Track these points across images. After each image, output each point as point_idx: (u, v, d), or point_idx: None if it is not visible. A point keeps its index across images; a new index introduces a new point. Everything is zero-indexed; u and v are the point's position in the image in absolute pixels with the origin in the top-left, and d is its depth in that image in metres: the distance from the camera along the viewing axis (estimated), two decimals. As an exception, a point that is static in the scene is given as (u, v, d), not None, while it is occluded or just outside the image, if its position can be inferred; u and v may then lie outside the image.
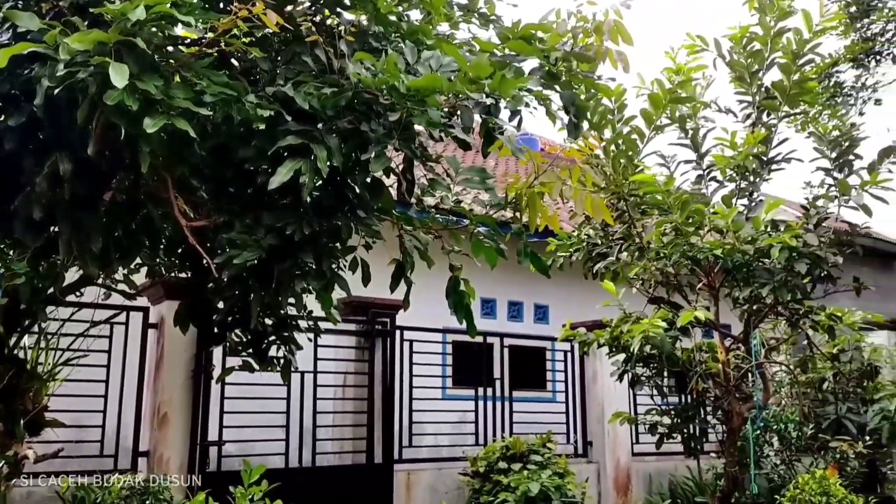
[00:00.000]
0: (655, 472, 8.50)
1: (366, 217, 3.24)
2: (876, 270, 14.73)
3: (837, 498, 4.55)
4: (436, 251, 3.66)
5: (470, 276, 3.76)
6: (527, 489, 5.87)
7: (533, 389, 9.37)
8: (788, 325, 6.25)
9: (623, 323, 5.98)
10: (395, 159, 3.26)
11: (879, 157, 5.25)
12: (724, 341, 6.08)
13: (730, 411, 5.89)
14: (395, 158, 3.25)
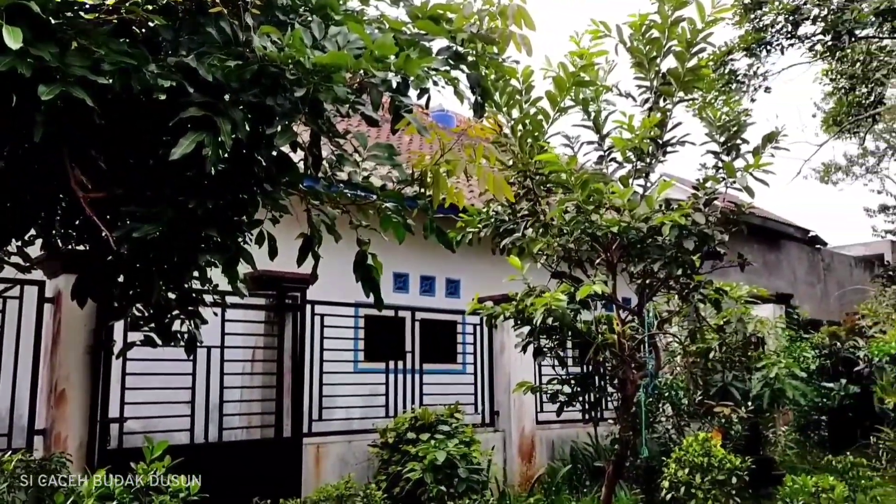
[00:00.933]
0: (558, 438, 8.90)
1: (272, 191, 3.25)
2: (765, 248, 15.77)
3: (717, 458, 4.93)
4: (345, 226, 3.72)
5: (383, 252, 3.83)
6: (434, 458, 6.05)
7: (444, 362, 9.59)
8: (680, 298, 6.64)
9: (527, 296, 6.20)
10: (302, 135, 3.29)
11: (763, 142, 5.64)
12: (621, 314, 6.41)
13: (624, 379, 6.23)
14: (302, 134, 3.28)
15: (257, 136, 2.98)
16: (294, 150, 3.23)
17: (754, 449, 9.01)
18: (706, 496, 4.88)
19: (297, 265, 3.67)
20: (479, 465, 6.53)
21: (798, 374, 8.08)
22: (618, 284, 6.36)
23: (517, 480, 8.23)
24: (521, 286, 6.45)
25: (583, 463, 8.31)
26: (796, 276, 16.34)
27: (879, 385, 10.54)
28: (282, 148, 3.10)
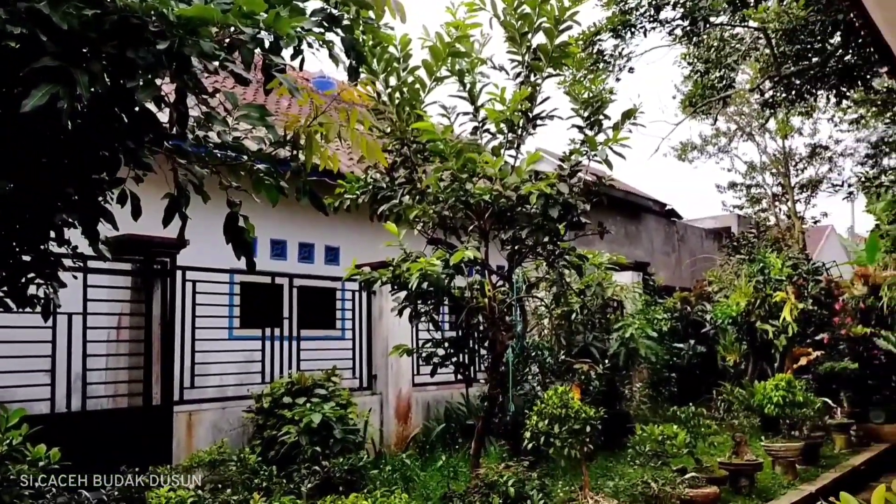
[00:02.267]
0: (433, 400, 9.21)
1: (135, 148, 3.17)
2: (626, 219, 16.80)
3: (574, 409, 5.33)
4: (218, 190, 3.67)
5: (260, 218, 3.82)
6: (309, 420, 6.13)
7: (322, 328, 9.61)
8: (546, 264, 7.03)
9: (404, 262, 6.36)
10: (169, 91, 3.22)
11: (622, 118, 6.05)
12: (492, 279, 6.71)
13: (494, 341, 6.55)
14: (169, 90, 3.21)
15: (118, 90, 2.89)
16: (159, 106, 3.16)
17: (611, 404, 9.70)
18: (563, 444, 5.28)
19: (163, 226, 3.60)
20: (356, 426, 6.68)
21: (651, 335, 8.76)
22: (490, 251, 6.65)
23: (393, 441, 8.47)
24: (398, 252, 6.61)
25: (456, 422, 8.66)
26: (653, 246, 17.55)
27: (722, 344, 11.61)
28: (145, 104, 3.03)
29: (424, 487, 6.43)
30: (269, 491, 5.17)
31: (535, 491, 5.01)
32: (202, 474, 5.85)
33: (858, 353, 11.77)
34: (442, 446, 8.04)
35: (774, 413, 8.54)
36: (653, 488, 5.73)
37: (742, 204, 22.54)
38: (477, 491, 5.53)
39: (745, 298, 11.18)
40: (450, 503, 5.25)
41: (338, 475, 5.34)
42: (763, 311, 11.14)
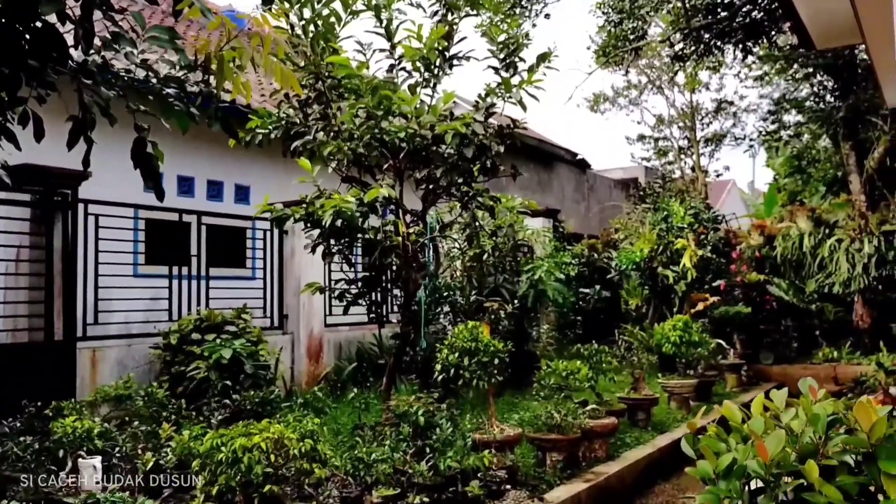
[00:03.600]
0: (346, 340, 9.31)
1: (38, 66, 3.03)
2: (539, 168, 17.16)
3: (483, 343, 5.54)
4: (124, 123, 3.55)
5: (168, 153, 3.71)
6: (219, 356, 6.11)
7: (232, 267, 9.48)
8: (460, 205, 7.16)
9: (317, 199, 6.33)
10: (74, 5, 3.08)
11: (537, 61, 6.15)
12: (406, 218, 6.79)
13: (407, 279, 6.67)
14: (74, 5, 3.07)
15: (19, 4, 2.76)
16: (63, 22, 3.02)
17: (519, 344, 10.08)
18: (472, 376, 5.50)
19: (67, 150, 3.47)
20: (266, 363, 6.70)
21: (559, 277, 9.12)
22: (405, 192, 6.71)
23: (305, 380, 8.54)
24: (311, 190, 6.56)
25: (368, 362, 8.81)
26: (564, 195, 18.06)
27: (625, 289, 12.20)
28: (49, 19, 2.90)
29: (336, 421, 6.57)
30: (178, 424, 5.17)
31: (444, 420, 5.22)
32: (107, 409, 5.78)
33: (752, 298, 12.62)
34: (353, 384, 8.18)
35: (671, 352, 9.10)
36: (555, 418, 6.06)
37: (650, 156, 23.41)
38: (388, 422, 5.72)
39: (648, 245, 11.73)
40: (361, 432, 5.41)
41: (248, 408, 5.39)
42: (665, 258, 11.73)
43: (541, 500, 5.16)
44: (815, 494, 1.94)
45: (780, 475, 2.02)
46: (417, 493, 4.68)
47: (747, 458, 2.09)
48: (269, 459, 3.47)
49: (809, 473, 1.95)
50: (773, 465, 2.02)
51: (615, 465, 6.34)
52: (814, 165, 16.08)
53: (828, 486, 1.93)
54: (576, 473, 5.95)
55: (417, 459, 4.90)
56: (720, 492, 2.13)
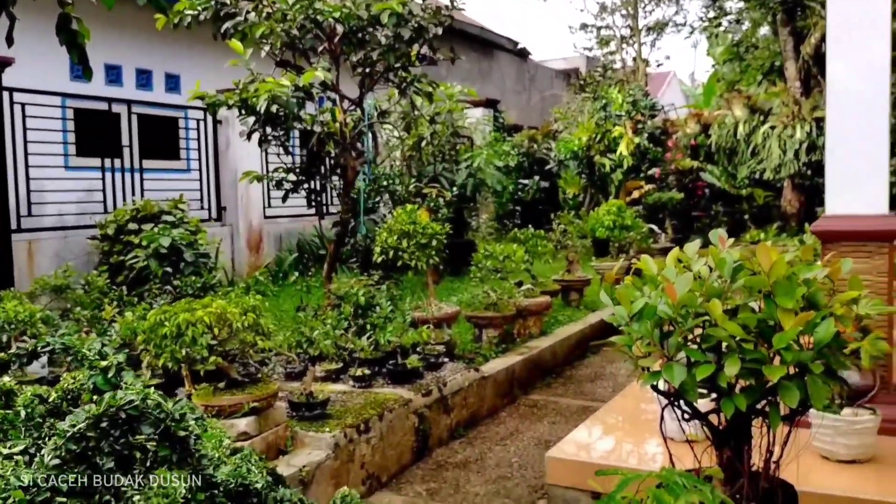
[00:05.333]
0: (286, 232, 9.31)
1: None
2: (480, 57, 16.88)
3: (421, 225, 5.65)
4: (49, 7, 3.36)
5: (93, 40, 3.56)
6: (158, 244, 6.06)
7: (166, 160, 9.24)
8: (398, 91, 7.08)
9: (251, 84, 6.16)
10: None
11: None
12: (343, 104, 6.69)
13: (346, 166, 6.65)
14: None
15: None
16: None
17: (459, 233, 10.29)
18: (411, 257, 5.64)
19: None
20: (206, 251, 6.69)
21: (498, 166, 9.21)
22: (342, 79, 6.57)
23: (246, 271, 8.58)
24: (244, 74, 6.35)
25: (309, 252, 8.87)
26: (505, 85, 17.90)
27: (563, 178, 12.42)
28: None
29: (279, 307, 6.68)
30: (120, 309, 5.19)
31: (384, 300, 5.38)
32: (48, 300, 5.74)
33: (685, 185, 13.05)
34: (295, 274, 8.27)
35: (605, 236, 9.44)
36: (491, 297, 6.31)
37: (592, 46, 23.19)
38: (330, 305, 5.85)
39: (586, 133, 11.87)
40: (303, 313, 5.54)
41: (190, 293, 5.43)
42: (602, 146, 11.93)
43: (476, 370, 5.46)
44: (718, 330, 2.14)
45: (687, 315, 2.21)
46: (359, 366, 4.89)
47: (658, 302, 2.26)
48: (212, 332, 3.56)
49: (713, 311, 2.14)
50: (681, 305, 2.20)
51: (548, 340, 6.70)
52: (752, 53, 16.27)
53: (729, 322, 2.13)
54: (510, 348, 6.28)
55: (359, 336, 5.08)
56: (633, 332, 2.32)
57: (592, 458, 3.83)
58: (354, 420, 4.21)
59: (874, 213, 3.78)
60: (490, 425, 5.31)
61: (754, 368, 2.10)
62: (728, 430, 2.33)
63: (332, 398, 4.46)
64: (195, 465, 1.65)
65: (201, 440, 1.66)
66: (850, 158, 3.85)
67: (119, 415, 1.49)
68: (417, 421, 4.66)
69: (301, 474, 3.70)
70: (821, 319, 2.11)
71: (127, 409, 1.50)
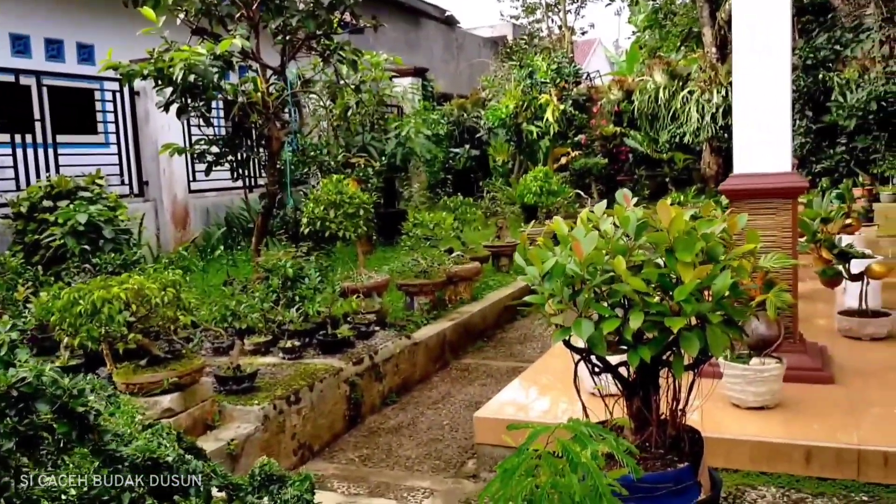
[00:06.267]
0: (213, 206, 9.10)
1: None
2: (407, 26, 16.71)
3: (349, 194, 5.62)
4: None
5: None
6: (75, 221, 5.84)
7: (82, 134, 8.86)
8: (321, 59, 6.95)
9: (166, 52, 5.95)
10: None
11: None
12: (265, 73, 6.54)
13: (270, 137, 6.53)
14: None
15: None
16: None
17: (390, 203, 10.28)
18: (339, 227, 5.61)
19: None
20: (128, 228, 6.48)
21: (427, 135, 9.20)
22: (263, 47, 6.41)
23: (172, 247, 8.36)
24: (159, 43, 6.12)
25: (238, 225, 8.70)
26: (433, 54, 17.78)
27: (492, 146, 12.50)
28: None
29: (205, 281, 6.56)
30: (35, 289, 5.00)
31: (312, 271, 5.35)
32: (-45, 284, 5.47)
33: (609, 150, 13.31)
34: (223, 248, 8.11)
35: (533, 202, 9.58)
36: (422, 265, 6.35)
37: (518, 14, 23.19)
38: (258, 278, 5.78)
39: (513, 101, 11.95)
40: (230, 287, 5.46)
41: (110, 270, 5.27)
42: (529, 114, 12.03)
43: (408, 337, 5.51)
44: (623, 285, 2.23)
45: (595, 273, 2.29)
46: (289, 338, 4.87)
47: (567, 261, 2.34)
48: (130, 309, 3.48)
49: (617, 267, 2.22)
50: (588, 263, 2.28)
51: (478, 305, 6.80)
52: (671, 20, 16.61)
53: (633, 277, 2.22)
54: (442, 314, 6.35)
55: (288, 308, 5.05)
56: (545, 290, 2.39)
57: (518, 416, 3.95)
58: (284, 391, 4.20)
59: (777, 171, 3.96)
60: (422, 390, 5.39)
61: (658, 321, 2.20)
62: (636, 382, 2.44)
63: (261, 371, 4.45)
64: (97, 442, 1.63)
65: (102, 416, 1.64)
66: (753, 119, 4.02)
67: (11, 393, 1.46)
68: (349, 389, 4.69)
69: (230, 448, 3.69)
70: (720, 272, 2.22)
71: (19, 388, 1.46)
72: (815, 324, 5.49)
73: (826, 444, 3.31)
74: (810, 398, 3.81)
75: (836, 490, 3.22)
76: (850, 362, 4.43)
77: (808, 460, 3.30)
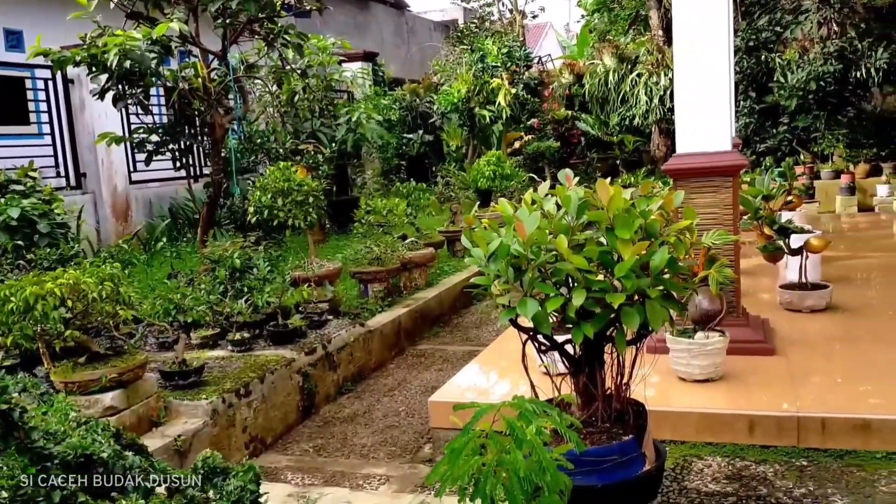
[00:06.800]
0: (156, 197, 8.86)
1: None
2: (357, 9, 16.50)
3: (297, 181, 5.52)
4: None
5: None
6: (7, 217, 5.61)
7: (13, 124, 8.52)
8: (266, 44, 6.80)
9: (99, 38, 5.74)
10: None
11: None
12: (206, 58, 6.37)
13: (213, 124, 6.37)
14: None
15: None
16: None
17: (345, 190, 10.17)
18: (287, 216, 5.51)
19: None
20: (65, 222, 6.26)
21: (377, 119, 9.10)
22: (204, 31, 6.23)
23: (113, 240, 8.11)
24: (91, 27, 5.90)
25: (182, 217, 8.50)
26: (384, 38, 17.60)
27: (446, 131, 12.46)
28: None
29: (149, 275, 6.38)
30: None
31: (261, 261, 5.25)
32: None
33: (561, 134, 13.39)
34: (168, 241, 7.91)
35: (487, 186, 9.57)
36: (375, 252, 6.29)
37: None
38: (205, 270, 5.65)
39: (465, 86, 11.91)
40: (175, 280, 5.32)
41: (46, 266, 5.07)
42: (482, 98, 12.01)
43: (362, 325, 5.47)
44: (565, 264, 2.23)
45: (538, 252, 2.28)
46: (238, 330, 4.78)
47: (512, 241, 2.33)
48: (66, 305, 3.35)
49: (559, 246, 2.22)
50: (531, 243, 2.27)
51: (434, 291, 6.78)
52: (619, 3, 16.75)
53: (575, 256, 2.22)
54: (397, 301, 6.32)
55: (236, 299, 4.95)
56: (490, 271, 2.38)
57: (473, 398, 3.95)
58: (233, 385, 4.12)
59: (718, 150, 4.02)
60: (378, 378, 5.35)
61: (600, 298, 2.21)
62: (582, 359, 2.45)
63: (209, 365, 4.35)
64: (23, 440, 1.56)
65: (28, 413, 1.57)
66: (694, 100, 4.07)
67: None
68: (302, 380, 4.62)
69: (177, 444, 3.60)
70: (658, 248, 2.23)
71: (-64, 386, 1.39)
72: (759, 298, 5.62)
73: (768, 413, 3.39)
74: (753, 370, 3.90)
75: (778, 457, 3.31)
76: (790, 334, 4.55)
77: (752, 429, 3.38)
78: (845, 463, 3.23)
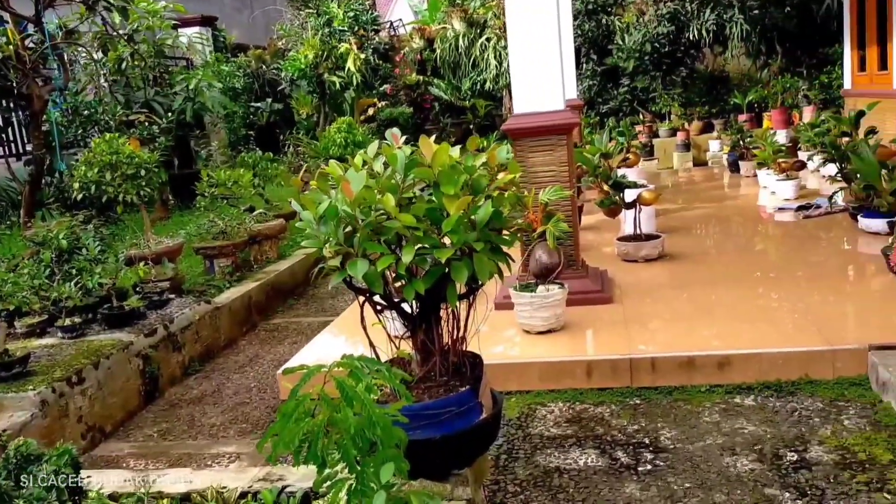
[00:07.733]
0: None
1: None
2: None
3: (126, 154, 5.16)
4: None
5: None
6: None
7: None
8: (86, 7, 6.26)
9: None
10: None
11: None
12: (20, 24, 5.80)
13: (30, 95, 5.82)
14: None
15: None
16: None
17: (188, 163, 9.66)
18: (117, 191, 5.15)
19: None
20: None
21: (219, 87, 8.66)
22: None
23: (-76, 227, 7.27)
24: None
25: (5, 199, 7.73)
26: (223, 2, 16.71)
27: (295, 99, 12.10)
28: None
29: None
30: None
31: (91, 241, 4.89)
32: None
33: (414, 99, 13.36)
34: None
35: (339, 154, 9.40)
36: (219, 225, 6.04)
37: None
38: (29, 254, 5.19)
39: (312, 51, 11.58)
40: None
41: None
42: (330, 63, 11.74)
43: (208, 303, 5.25)
44: (393, 222, 2.23)
45: (368, 212, 2.26)
46: (68, 315, 4.44)
47: (340, 202, 2.29)
48: None
49: (386, 205, 2.21)
50: (359, 203, 2.24)
51: (286, 263, 6.63)
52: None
53: (403, 214, 2.22)
54: (247, 275, 6.12)
55: (65, 283, 4.59)
56: (321, 235, 2.34)
57: (322, 367, 3.91)
58: (64, 373, 3.84)
59: (551, 109, 4.17)
60: (228, 355, 5.18)
61: (430, 254, 2.23)
62: (418, 316, 2.47)
63: (36, 354, 4.03)
64: None
65: None
66: (527, 61, 4.18)
67: None
68: (142, 363, 4.38)
69: (2, 440, 3.31)
70: (483, 202, 2.28)
71: None
72: (601, 251, 5.95)
73: (603, 357, 3.61)
74: (592, 318, 4.13)
75: (614, 398, 3.53)
76: (627, 283, 4.85)
77: (590, 374, 3.58)
78: (674, 398, 3.50)
